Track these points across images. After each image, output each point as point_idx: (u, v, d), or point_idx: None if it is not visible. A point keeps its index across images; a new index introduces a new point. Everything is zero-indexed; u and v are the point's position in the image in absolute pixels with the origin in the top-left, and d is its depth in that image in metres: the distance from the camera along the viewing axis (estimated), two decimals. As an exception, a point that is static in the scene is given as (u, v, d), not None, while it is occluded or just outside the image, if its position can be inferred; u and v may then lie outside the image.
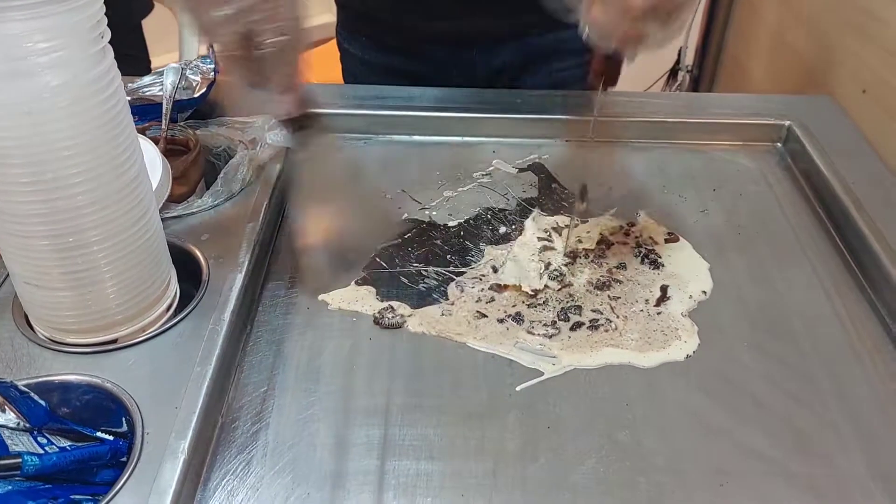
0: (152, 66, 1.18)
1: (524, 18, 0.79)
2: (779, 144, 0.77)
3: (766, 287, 0.60)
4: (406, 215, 0.67)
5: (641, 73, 0.52)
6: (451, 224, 0.66)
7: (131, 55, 1.10)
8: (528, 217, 0.66)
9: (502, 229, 0.65)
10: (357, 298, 0.58)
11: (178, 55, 1.30)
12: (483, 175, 0.72)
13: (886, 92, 0.78)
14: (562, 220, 0.65)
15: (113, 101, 0.44)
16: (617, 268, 0.60)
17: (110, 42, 0.44)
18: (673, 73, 1.47)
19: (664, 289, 0.58)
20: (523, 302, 0.57)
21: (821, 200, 0.69)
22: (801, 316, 0.57)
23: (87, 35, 0.41)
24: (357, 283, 0.59)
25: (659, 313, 0.56)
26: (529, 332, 0.54)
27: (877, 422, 0.50)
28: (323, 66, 1.77)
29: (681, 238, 0.64)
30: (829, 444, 0.48)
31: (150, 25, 1.15)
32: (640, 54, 0.51)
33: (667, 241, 0.63)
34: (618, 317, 0.56)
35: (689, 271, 0.60)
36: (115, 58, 0.46)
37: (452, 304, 0.57)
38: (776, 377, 0.52)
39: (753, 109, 0.79)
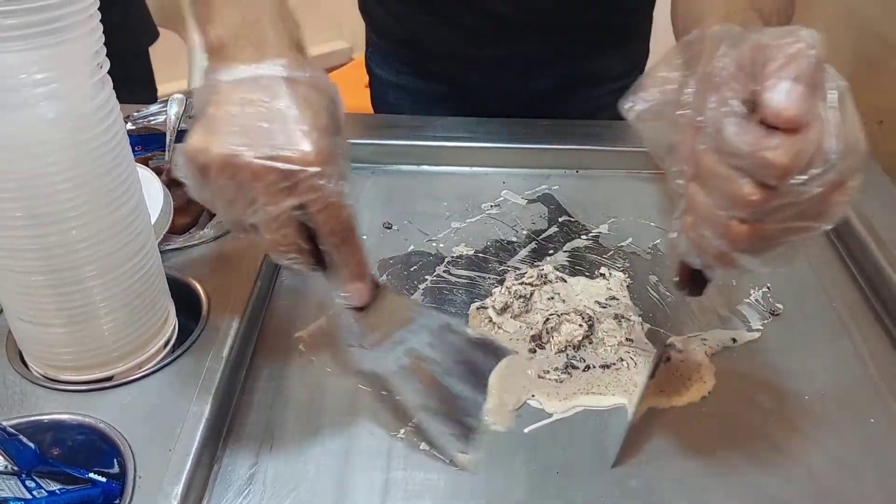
0: (159, 93, 1.18)
1: (562, 45, 0.79)
2: (794, 176, 0.75)
3: (784, 324, 0.58)
4: (412, 247, 0.65)
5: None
6: (458, 256, 0.64)
7: (137, 83, 1.10)
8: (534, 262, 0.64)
9: (510, 262, 0.63)
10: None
11: (185, 83, 1.30)
12: (492, 206, 0.71)
13: (904, 122, 0.76)
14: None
15: (111, 132, 0.43)
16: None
17: (115, 69, 0.44)
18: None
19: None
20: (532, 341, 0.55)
21: (838, 234, 0.67)
22: (820, 354, 0.55)
23: (85, 66, 0.41)
24: (361, 318, 0.57)
25: (680, 351, 0.54)
26: (540, 377, 0.52)
27: (903, 467, 0.47)
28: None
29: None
30: (848, 488, 0.46)
31: (157, 52, 1.15)
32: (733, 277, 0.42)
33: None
34: (632, 357, 0.54)
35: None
36: (121, 85, 0.45)
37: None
38: (794, 419, 0.50)
39: None
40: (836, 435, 0.49)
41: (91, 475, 0.46)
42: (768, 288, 0.61)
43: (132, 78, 1.11)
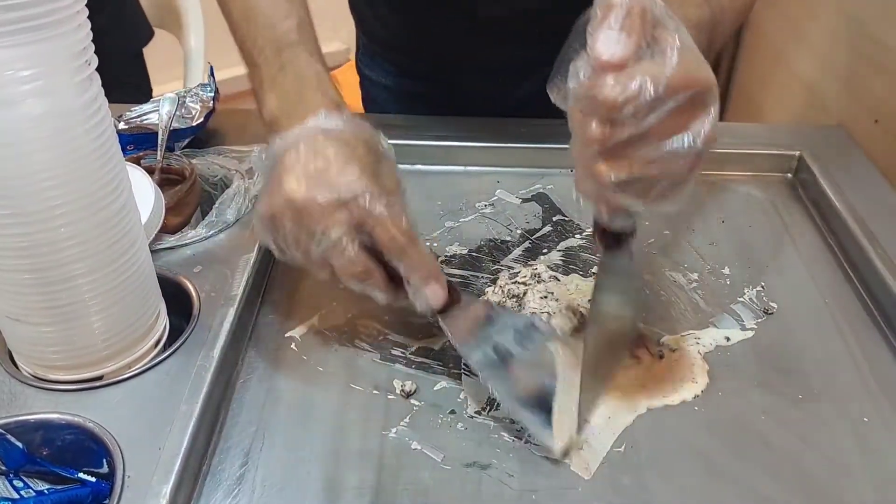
0: (154, 94, 1.17)
1: (552, 47, 0.78)
2: (789, 175, 0.75)
3: (777, 323, 0.57)
4: (405, 247, 0.65)
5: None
6: (451, 255, 0.64)
7: (132, 83, 1.10)
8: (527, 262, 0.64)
9: (504, 261, 0.63)
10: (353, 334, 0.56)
11: (181, 84, 1.29)
12: (486, 205, 0.70)
13: (899, 121, 0.76)
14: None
15: (98, 130, 0.43)
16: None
17: (109, 70, 0.43)
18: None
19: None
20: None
21: (832, 232, 0.67)
22: (814, 353, 0.55)
23: (72, 62, 0.40)
24: (354, 318, 0.57)
25: (674, 350, 0.54)
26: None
27: (891, 464, 0.47)
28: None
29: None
30: (840, 487, 0.46)
31: (152, 54, 1.15)
32: (628, 221, 0.44)
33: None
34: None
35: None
36: (115, 86, 0.45)
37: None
38: (786, 417, 0.50)
39: (763, 139, 0.77)
40: (828, 434, 0.49)
41: (80, 475, 0.46)
42: (762, 287, 0.61)
43: (126, 79, 1.10)
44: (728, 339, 0.55)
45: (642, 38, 0.37)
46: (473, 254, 0.64)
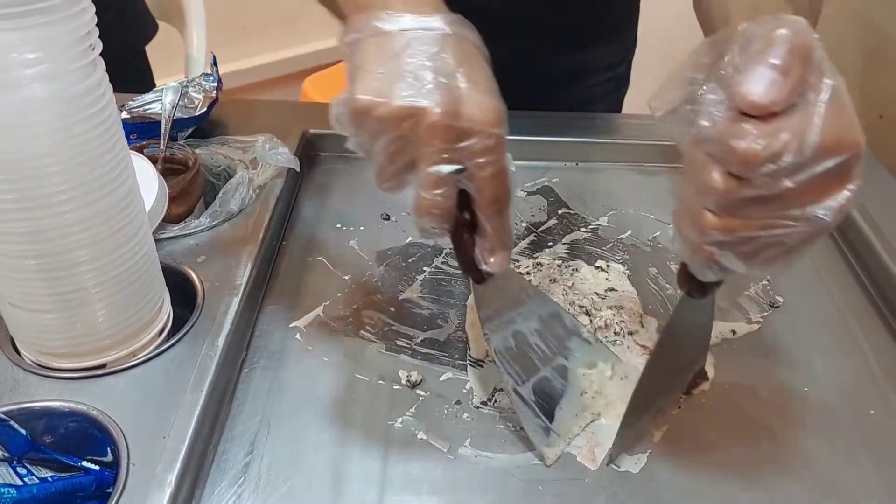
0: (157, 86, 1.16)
1: (553, 40, 0.78)
2: (794, 169, 0.75)
3: (783, 316, 0.57)
4: (410, 238, 0.64)
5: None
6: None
7: (135, 81, 1.09)
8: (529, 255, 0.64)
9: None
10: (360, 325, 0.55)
11: (181, 78, 1.28)
12: (490, 197, 0.70)
13: (904, 116, 0.76)
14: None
15: (103, 115, 0.42)
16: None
17: (112, 69, 0.43)
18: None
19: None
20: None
21: (838, 228, 0.66)
22: (820, 346, 0.55)
23: (77, 46, 0.40)
24: (359, 308, 0.57)
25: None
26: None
27: (902, 457, 0.47)
28: (330, 88, 1.77)
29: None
30: (847, 479, 0.45)
31: (155, 47, 1.14)
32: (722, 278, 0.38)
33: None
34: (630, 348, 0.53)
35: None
36: (118, 83, 0.44)
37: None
38: (793, 410, 0.50)
39: None
40: (835, 427, 0.49)
41: (84, 463, 0.45)
42: (768, 281, 0.60)
43: (130, 75, 1.10)
44: (734, 332, 0.55)
45: (799, 85, 0.31)
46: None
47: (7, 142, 0.39)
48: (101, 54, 0.42)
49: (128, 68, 1.09)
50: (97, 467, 0.45)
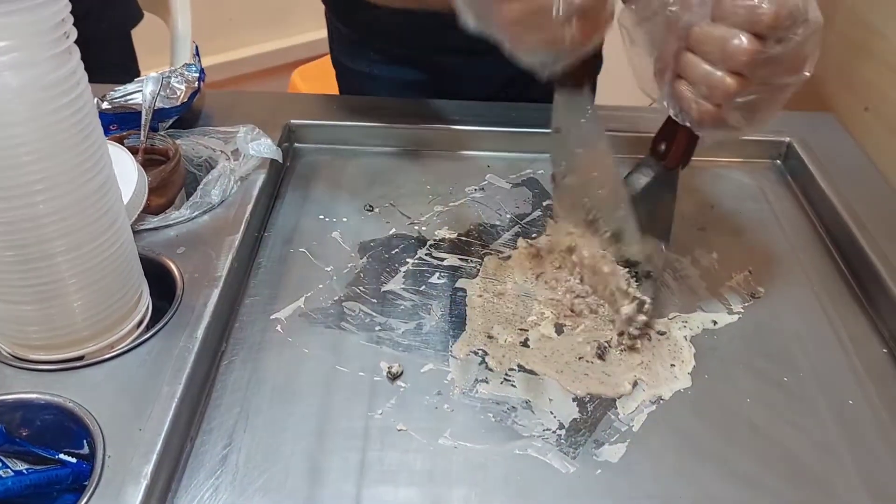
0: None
1: None
2: (778, 161, 0.75)
3: (764, 307, 0.57)
4: (394, 230, 0.64)
5: (638, 89, 0.50)
6: (441, 239, 0.63)
7: (120, 66, 1.08)
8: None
9: (493, 245, 0.63)
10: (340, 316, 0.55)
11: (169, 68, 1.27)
12: (476, 190, 0.70)
13: (888, 108, 0.76)
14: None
15: (78, 104, 0.42)
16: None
17: (97, 52, 0.42)
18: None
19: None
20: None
21: (821, 218, 0.67)
22: (800, 337, 0.55)
23: (50, 34, 0.39)
24: (341, 300, 0.57)
25: (662, 333, 0.54)
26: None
27: (876, 445, 0.47)
28: (318, 80, 1.76)
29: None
30: (826, 469, 0.46)
31: (140, 38, 1.13)
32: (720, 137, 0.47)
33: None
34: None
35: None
36: (103, 68, 0.44)
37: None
38: (772, 401, 0.50)
39: None
40: (813, 416, 0.49)
41: (60, 456, 0.45)
42: (750, 272, 0.61)
43: (114, 61, 1.09)
44: (715, 322, 0.55)
45: None
46: (462, 238, 0.64)
47: (-22, 130, 0.39)
48: (84, 36, 0.41)
49: (113, 52, 1.08)
50: (74, 460, 0.45)
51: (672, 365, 0.51)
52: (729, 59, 0.42)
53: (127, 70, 1.13)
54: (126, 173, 0.57)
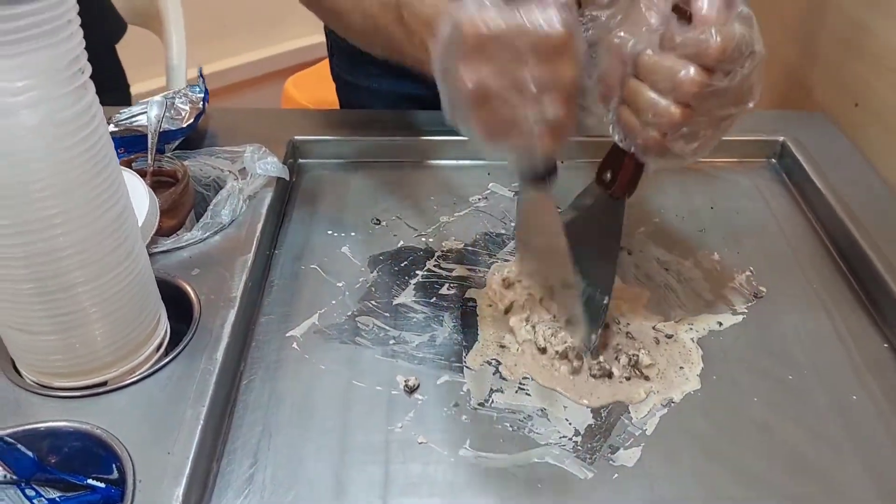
0: (132, 91, 1.15)
1: None
2: (773, 160, 0.76)
3: (766, 306, 0.59)
4: (401, 242, 0.65)
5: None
6: (448, 250, 0.64)
7: (108, 80, 1.08)
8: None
9: (500, 254, 0.64)
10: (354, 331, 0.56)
11: (159, 81, 1.27)
12: (479, 199, 0.71)
13: (878, 104, 0.77)
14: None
15: (93, 138, 0.43)
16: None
17: None
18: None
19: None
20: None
21: (817, 216, 0.68)
22: (802, 335, 0.56)
23: (66, 71, 0.40)
24: (354, 315, 0.58)
25: (669, 336, 0.55)
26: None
27: (879, 439, 0.49)
28: (312, 88, 1.76)
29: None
30: (832, 465, 0.47)
31: (128, 51, 1.13)
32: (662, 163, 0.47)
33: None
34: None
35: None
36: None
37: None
38: (778, 399, 0.51)
39: (747, 125, 0.77)
40: (818, 412, 0.50)
41: (89, 481, 0.46)
42: (751, 272, 0.62)
43: (99, 75, 1.08)
44: (721, 323, 0.57)
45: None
46: (469, 248, 0.65)
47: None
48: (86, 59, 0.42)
49: (97, 67, 1.08)
50: (103, 485, 0.46)
51: (681, 368, 0.53)
52: (677, 90, 0.43)
53: (115, 84, 1.12)
54: (137, 197, 0.57)
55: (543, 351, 0.53)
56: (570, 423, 0.49)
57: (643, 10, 0.45)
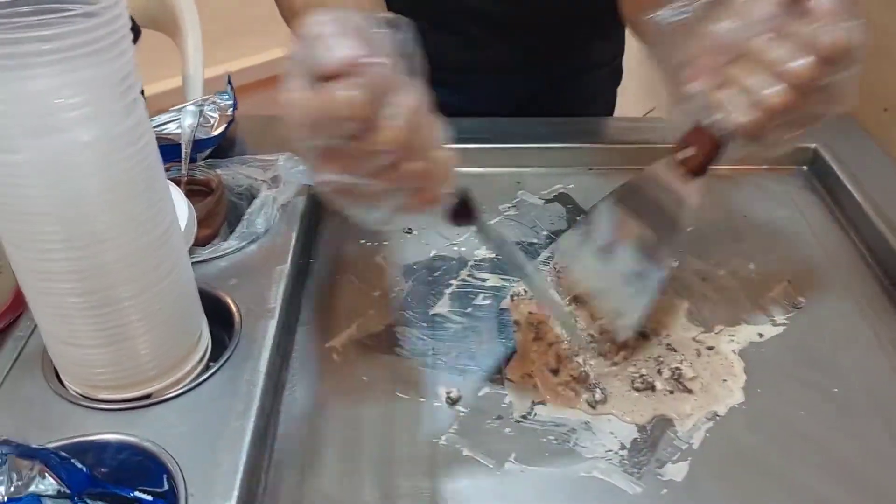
0: (146, 94, 1.15)
1: (554, 40, 0.79)
2: (804, 167, 0.76)
3: (806, 317, 0.59)
4: (434, 252, 0.65)
5: (663, 100, 0.51)
6: (480, 259, 0.64)
7: None
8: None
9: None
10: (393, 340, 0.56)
11: (172, 81, 1.25)
12: (509, 207, 0.71)
13: (909, 110, 0.77)
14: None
15: (144, 153, 0.43)
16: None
17: None
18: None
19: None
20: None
21: (852, 223, 0.68)
22: (845, 346, 0.56)
23: (117, 88, 0.40)
24: (392, 325, 0.58)
25: (710, 348, 0.55)
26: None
27: (933, 455, 0.48)
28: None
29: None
30: (885, 478, 0.47)
31: (141, 52, 1.13)
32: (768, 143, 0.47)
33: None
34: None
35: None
36: None
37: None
38: (825, 412, 0.51)
39: None
40: (867, 425, 0.50)
41: (136, 494, 0.46)
42: (789, 281, 0.62)
43: None
44: (761, 335, 0.57)
45: None
46: (501, 257, 0.65)
47: (52, 184, 0.40)
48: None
49: None
50: (150, 497, 0.46)
51: (724, 380, 0.53)
52: (792, 75, 0.43)
53: None
54: (177, 208, 0.57)
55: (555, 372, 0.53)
56: (615, 437, 0.49)
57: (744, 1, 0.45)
